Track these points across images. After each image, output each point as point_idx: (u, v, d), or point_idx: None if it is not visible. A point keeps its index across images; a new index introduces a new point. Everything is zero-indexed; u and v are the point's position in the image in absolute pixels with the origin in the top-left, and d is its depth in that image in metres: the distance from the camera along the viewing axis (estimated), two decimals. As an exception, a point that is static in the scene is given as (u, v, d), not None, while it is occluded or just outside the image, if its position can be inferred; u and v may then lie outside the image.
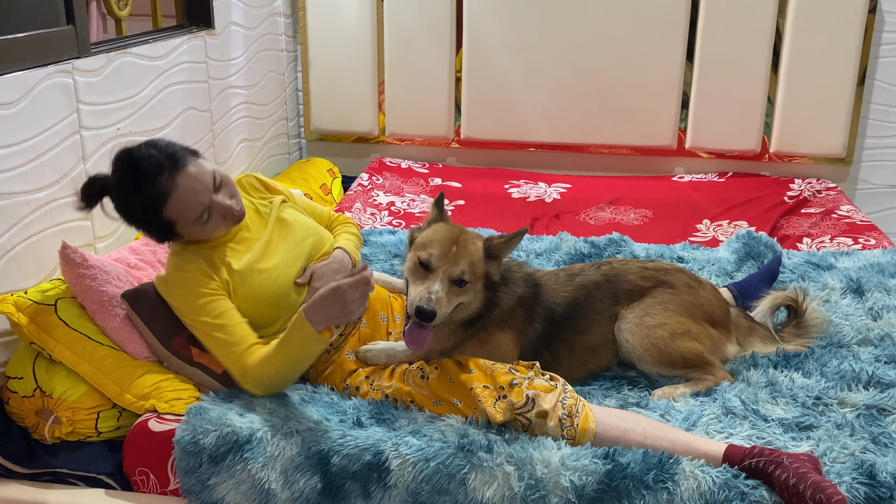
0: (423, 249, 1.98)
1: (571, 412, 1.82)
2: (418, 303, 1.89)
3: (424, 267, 1.96)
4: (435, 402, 1.92)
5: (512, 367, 1.93)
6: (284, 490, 1.76)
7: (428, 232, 2.05)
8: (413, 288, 1.96)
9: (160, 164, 1.90)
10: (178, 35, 2.91)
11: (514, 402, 1.82)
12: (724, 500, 1.63)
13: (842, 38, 3.61)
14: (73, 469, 1.90)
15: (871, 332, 2.30)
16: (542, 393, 1.83)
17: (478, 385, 1.87)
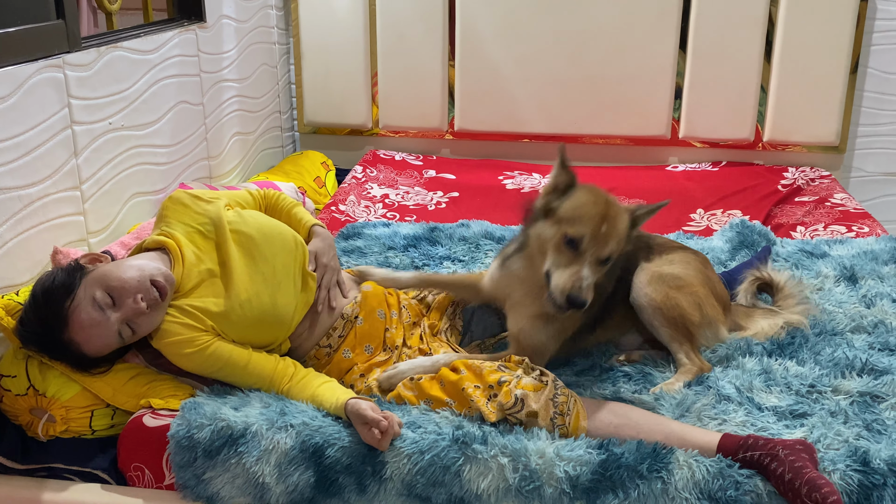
0: (570, 225, 1.84)
1: (563, 410, 1.81)
2: (570, 291, 1.78)
3: (572, 246, 1.83)
4: (426, 401, 1.92)
5: (501, 363, 1.92)
6: (279, 484, 1.76)
7: (573, 203, 1.90)
8: (557, 271, 1.84)
9: (41, 338, 1.88)
10: (169, 29, 2.90)
11: (502, 402, 1.80)
12: (719, 489, 1.64)
13: (834, 26, 3.61)
14: (69, 465, 1.90)
15: (865, 320, 2.30)
16: (530, 393, 1.80)
17: (469, 385, 1.86)
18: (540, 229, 1.92)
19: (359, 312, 2.12)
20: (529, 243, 1.97)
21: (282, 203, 2.34)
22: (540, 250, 1.89)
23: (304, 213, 2.32)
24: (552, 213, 1.90)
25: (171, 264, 2.00)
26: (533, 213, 1.98)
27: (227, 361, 1.94)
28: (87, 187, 2.42)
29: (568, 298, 1.78)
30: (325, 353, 2.09)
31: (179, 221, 2.07)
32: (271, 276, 2.04)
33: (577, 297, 1.77)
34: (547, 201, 1.93)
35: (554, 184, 1.96)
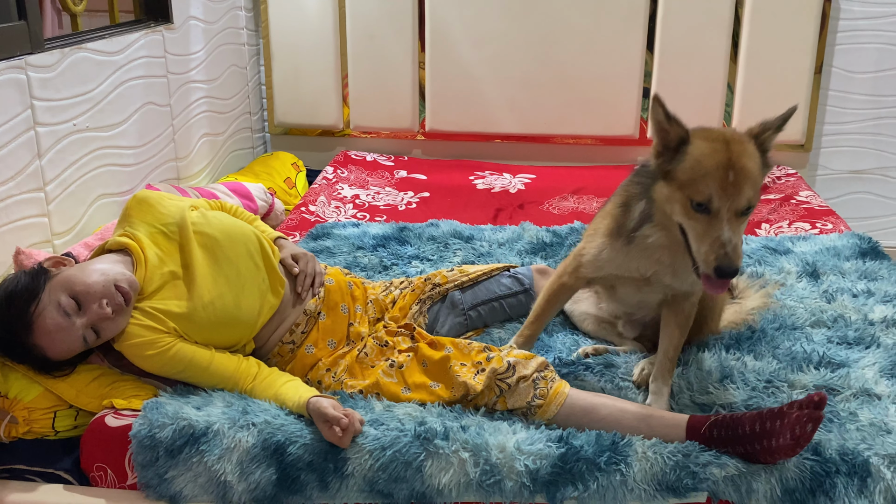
0: (693, 188, 1.67)
1: (547, 377, 1.89)
2: (715, 263, 1.63)
3: (702, 209, 1.67)
4: (404, 389, 1.94)
5: (486, 346, 1.99)
6: (241, 482, 1.76)
7: (689, 161, 1.71)
8: (696, 242, 1.69)
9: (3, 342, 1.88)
10: (135, 30, 2.90)
11: (496, 367, 1.89)
12: (676, 479, 1.67)
13: (799, 27, 3.66)
14: (31, 466, 1.89)
15: (825, 314, 2.34)
16: (521, 360, 1.91)
17: (456, 363, 1.93)
18: (663, 194, 1.76)
19: (321, 308, 2.13)
20: (656, 210, 1.81)
21: (242, 215, 2.33)
22: (668, 215, 1.76)
23: (265, 226, 2.33)
24: (670, 176, 1.74)
25: (134, 267, 2.00)
26: (647, 177, 1.84)
27: (190, 363, 1.94)
28: (51, 189, 2.41)
29: (716, 269, 1.63)
30: (289, 349, 2.10)
31: (143, 222, 2.07)
32: (235, 278, 2.05)
33: (726, 266, 1.62)
34: (661, 165, 1.76)
35: (662, 143, 1.77)
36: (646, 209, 1.86)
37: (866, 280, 2.56)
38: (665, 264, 1.90)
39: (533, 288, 2.38)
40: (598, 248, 1.98)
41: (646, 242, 1.88)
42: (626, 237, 1.91)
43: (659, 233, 1.85)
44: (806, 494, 1.65)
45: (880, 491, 1.63)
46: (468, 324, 2.31)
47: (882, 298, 2.42)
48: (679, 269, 1.90)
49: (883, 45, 3.71)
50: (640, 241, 1.89)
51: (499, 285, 2.37)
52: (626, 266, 1.95)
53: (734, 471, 1.66)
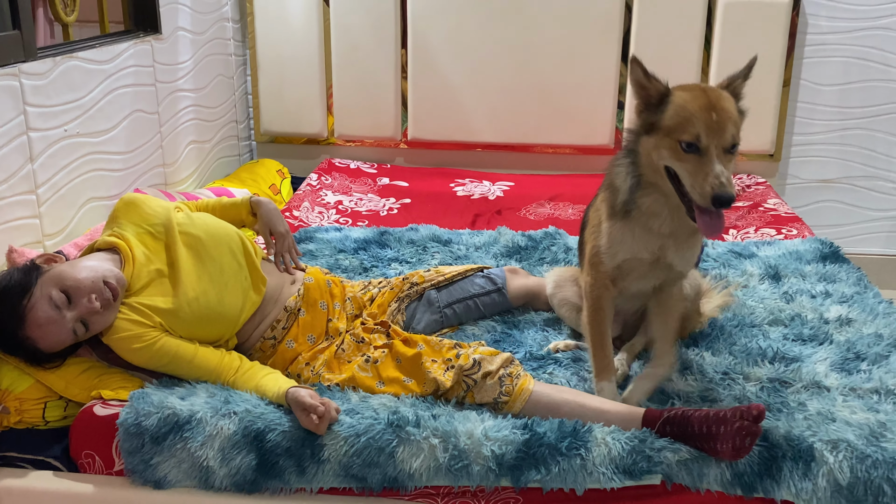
0: (681, 130, 1.77)
1: (513, 374, 1.99)
2: (712, 192, 1.70)
3: (692, 149, 1.77)
4: (379, 383, 2.04)
5: (457, 343, 2.09)
6: (222, 467, 1.86)
7: (673, 108, 1.82)
8: (689, 179, 1.76)
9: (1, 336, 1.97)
10: (124, 40, 3.00)
11: (462, 364, 1.99)
12: (632, 462, 1.77)
13: (767, 41, 3.78)
14: (22, 453, 1.98)
15: (783, 313, 2.45)
16: (487, 356, 2.01)
17: (427, 359, 2.04)
18: (649, 145, 1.86)
19: (301, 305, 2.23)
20: (643, 169, 1.90)
21: (209, 203, 2.41)
22: (656, 170, 1.85)
23: (234, 197, 2.43)
24: (656, 127, 1.84)
25: (122, 264, 2.09)
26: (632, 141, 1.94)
27: (175, 356, 2.04)
28: (42, 192, 2.50)
29: (713, 199, 1.70)
30: (270, 344, 2.19)
31: (130, 223, 2.17)
32: (218, 276, 2.15)
33: (722, 193, 1.69)
34: (645, 119, 1.87)
35: (644, 100, 1.88)
36: (633, 181, 1.95)
37: (825, 282, 2.67)
38: (666, 235, 1.98)
39: (505, 287, 2.48)
40: (607, 234, 2.04)
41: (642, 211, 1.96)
42: (623, 211, 1.99)
43: (651, 196, 1.94)
44: (754, 478, 1.76)
45: (823, 474, 1.74)
46: (444, 321, 2.42)
47: (839, 299, 2.53)
48: (680, 239, 1.99)
49: (848, 59, 3.84)
50: (637, 212, 1.97)
51: (473, 285, 2.47)
52: (635, 246, 2.01)
53: (687, 455, 1.77)
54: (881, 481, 1.71)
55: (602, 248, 2.05)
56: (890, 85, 3.84)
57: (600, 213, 2.08)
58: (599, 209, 2.09)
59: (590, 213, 2.19)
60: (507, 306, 2.50)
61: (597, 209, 2.12)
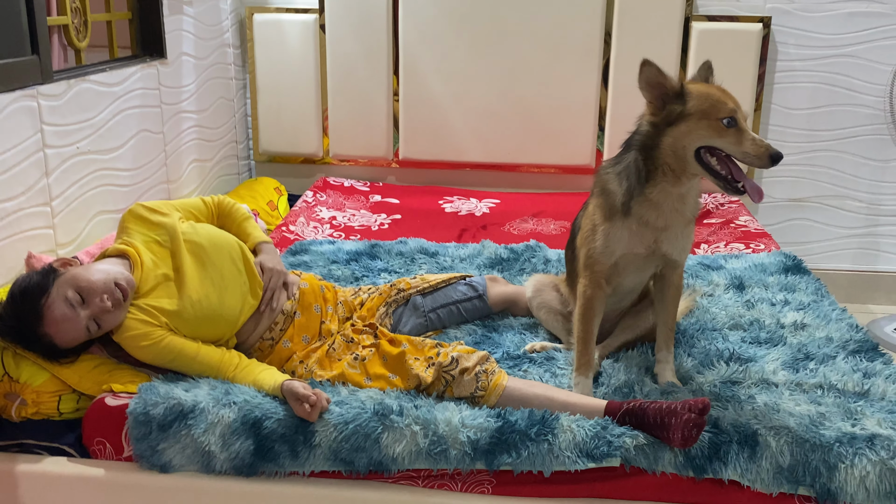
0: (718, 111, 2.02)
1: (488, 370, 2.16)
2: (767, 152, 1.97)
3: (730, 124, 2.02)
4: (366, 379, 2.23)
5: (438, 343, 2.28)
6: (223, 452, 2.04)
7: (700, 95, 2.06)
8: (737, 148, 2.01)
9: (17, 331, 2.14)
10: (132, 64, 3.20)
11: (441, 362, 2.16)
12: (595, 447, 1.95)
13: (740, 68, 4.00)
14: (38, 441, 2.16)
15: (743, 319, 2.64)
16: (464, 354, 2.19)
17: (410, 357, 2.22)
18: (680, 133, 2.06)
19: (297, 308, 2.42)
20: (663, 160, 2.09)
21: (235, 213, 2.61)
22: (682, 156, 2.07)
23: (254, 228, 2.60)
24: (683, 116, 2.05)
25: (132, 269, 2.28)
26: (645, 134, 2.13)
27: (179, 353, 2.22)
28: (56, 204, 2.69)
29: (771, 157, 1.96)
30: (269, 344, 2.38)
31: (139, 232, 2.36)
32: (219, 281, 2.34)
33: (775, 151, 1.96)
34: (669, 112, 2.07)
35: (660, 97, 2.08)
36: (632, 180, 2.16)
37: (786, 291, 2.87)
38: (661, 228, 2.19)
39: (485, 293, 2.67)
40: (604, 235, 2.22)
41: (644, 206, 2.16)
42: (623, 210, 2.18)
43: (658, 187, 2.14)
44: (705, 461, 1.94)
45: (766, 457, 1.92)
46: (428, 325, 2.60)
47: (796, 306, 2.73)
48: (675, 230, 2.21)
49: (816, 85, 4.06)
50: (637, 208, 2.17)
51: (455, 291, 2.66)
52: (631, 241, 2.21)
53: (644, 441, 1.95)
54: (818, 463, 1.90)
55: (598, 249, 2.24)
56: (855, 109, 4.06)
57: (594, 218, 2.27)
58: (593, 215, 2.28)
59: (581, 222, 2.37)
60: (487, 312, 2.69)
61: (589, 216, 2.30)
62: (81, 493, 2.11)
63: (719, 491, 1.95)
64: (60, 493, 2.12)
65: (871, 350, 2.41)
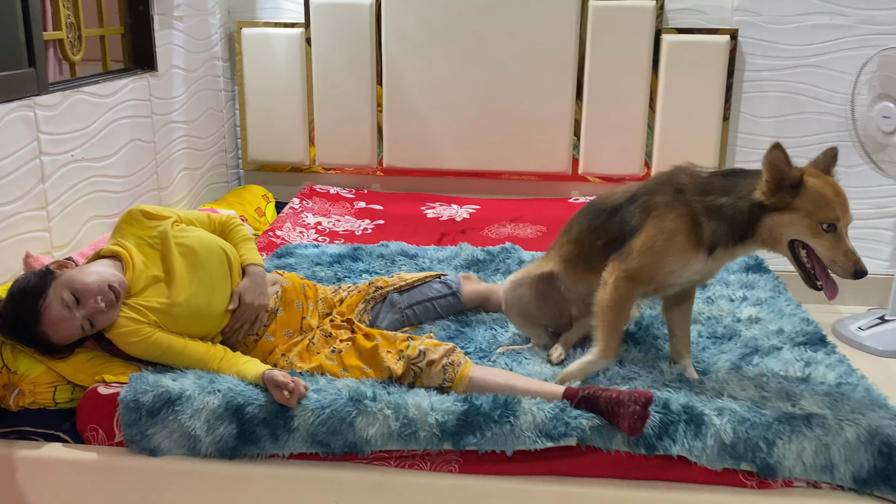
0: (823, 214, 2.08)
1: (455, 362, 2.30)
2: (854, 268, 2.07)
3: (830, 229, 2.09)
4: (342, 370, 2.37)
5: (409, 336, 2.42)
6: (208, 436, 2.18)
7: (813, 194, 2.10)
8: (829, 253, 2.09)
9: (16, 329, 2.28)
10: (124, 76, 3.36)
11: (410, 355, 2.31)
12: (553, 428, 2.09)
13: (709, 78, 4.17)
14: (35, 428, 2.31)
15: (701, 315, 2.79)
16: (431, 347, 2.33)
17: (383, 350, 2.36)
18: (780, 223, 2.15)
19: (279, 304, 2.57)
20: (759, 233, 2.18)
21: (235, 233, 2.70)
22: (778, 242, 2.17)
23: (251, 250, 2.64)
24: (791, 208, 2.12)
25: (124, 270, 2.43)
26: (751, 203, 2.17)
27: (167, 348, 2.36)
28: (52, 208, 2.84)
29: (855, 273, 2.06)
30: (253, 340, 2.52)
31: (132, 234, 2.51)
32: (207, 281, 2.48)
33: (861, 269, 2.06)
34: (780, 199, 2.13)
35: (778, 182, 2.13)
36: (719, 229, 2.22)
37: (745, 289, 3.02)
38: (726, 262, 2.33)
39: (459, 291, 2.82)
40: (679, 262, 2.27)
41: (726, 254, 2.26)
42: (707, 253, 2.25)
43: (748, 248, 2.25)
44: (655, 439, 2.08)
45: (711, 434, 2.07)
46: (405, 320, 2.75)
47: (753, 302, 2.88)
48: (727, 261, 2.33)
49: (783, 94, 4.23)
50: (720, 252, 2.25)
51: (431, 289, 2.81)
52: (697, 272, 2.31)
53: (599, 422, 2.10)
54: (758, 440, 2.05)
55: (663, 268, 2.28)
56: (821, 117, 4.23)
57: (672, 238, 2.25)
58: (671, 234, 2.26)
59: (645, 224, 2.31)
60: (460, 308, 2.84)
61: (665, 231, 2.27)
62: (76, 476, 2.25)
63: (669, 467, 2.10)
64: (56, 476, 2.26)
65: (818, 342, 2.57)
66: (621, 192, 2.47)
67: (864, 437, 2.03)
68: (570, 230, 2.59)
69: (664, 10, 4.20)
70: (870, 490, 2.04)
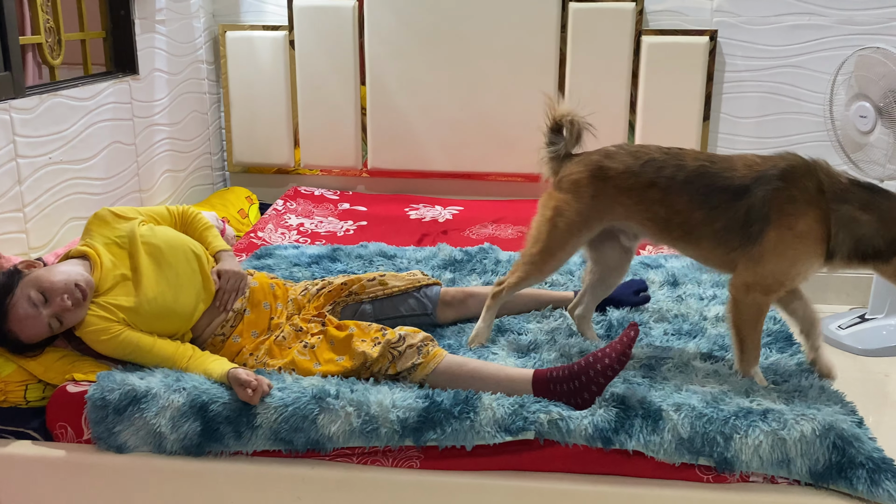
0: None
1: (429, 346, 2.37)
2: None
3: None
4: (315, 364, 2.40)
5: (382, 327, 2.47)
6: (173, 433, 2.21)
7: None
8: None
9: None
10: (104, 80, 3.40)
11: (390, 339, 2.36)
12: (512, 422, 2.12)
13: (689, 79, 4.19)
14: (5, 425, 2.34)
15: (669, 313, 2.82)
16: (410, 333, 2.40)
17: (357, 339, 2.40)
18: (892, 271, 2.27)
19: (246, 306, 2.60)
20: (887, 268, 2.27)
21: (196, 223, 2.78)
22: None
23: (215, 237, 2.75)
24: None
25: (92, 270, 2.46)
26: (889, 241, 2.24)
27: (136, 346, 2.40)
28: (28, 210, 2.88)
29: None
30: (220, 340, 2.56)
31: (100, 234, 2.55)
32: (174, 280, 2.52)
33: None
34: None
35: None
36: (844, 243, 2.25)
37: (717, 287, 3.04)
38: None
39: (434, 313, 2.79)
40: (810, 268, 2.31)
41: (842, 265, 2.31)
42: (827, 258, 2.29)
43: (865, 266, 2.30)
44: (611, 433, 2.11)
45: (668, 429, 2.09)
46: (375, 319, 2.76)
47: (722, 301, 2.90)
48: None
49: (763, 94, 4.25)
50: (836, 262, 2.30)
51: (405, 305, 2.76)
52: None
53: (557, 416, 2.13)
54: (715, 434, 2.07)
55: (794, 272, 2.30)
56: (801, 117, 4.25)
57: (807, 241, 2.26)
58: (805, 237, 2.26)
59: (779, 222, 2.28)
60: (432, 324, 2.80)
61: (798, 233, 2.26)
62: (45, 472, 2.29)
63: (626, 462, 2.12)
64: (25, 473, 2.29)
65: (783, 340, 2.59)
66: (742, 167, 2.36)
67: (819, 432, 2.05)
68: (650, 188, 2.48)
69: (644, 12, 4.23)
70: (825, 484, 2.06)
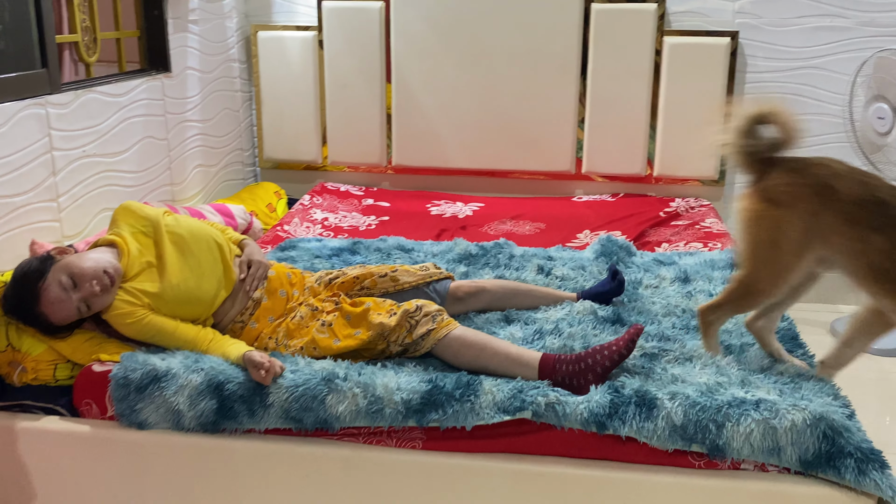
0: None
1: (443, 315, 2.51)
2: None
3: None
4: (335, 340, 2.51)
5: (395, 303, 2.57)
6: (190, 410, 2.33)
7: None
8: None
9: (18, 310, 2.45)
10: (137, 77, 3.55)
11: (407, 309, 2.49)
12: (511, 405, 2.21)
13: (710, 80, 4.24)
14: (36, 402, 2.48)
15: (678, 308, 2.87)
16: (426, 303, 2.53)
17: (373, 312, 2.52)
18: None
19: (264, 293, 2.72)
20: None
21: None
22: None
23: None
24: None
25: (119, 257, 2.60)
26: None
27: (160, 330, 2.53)
28: (62, 200, 3.03)
29: None
30: (239, 326, 2.68)
31: (127, 224, 2.68)
32: (197, 267, 2.64)
33: None
34: None
35: None
36: None
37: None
38: None
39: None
40: None
41: None
42: None
43: None
44: (606, 418, 2.18)
45: (662, 416, 2.16)
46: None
47: (731, 297, 2.95)
48: None
49: (784, 95, 4.28)
50: None
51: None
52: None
53: (553, 400, 2.21)
54: (708, 422, 2.13)
55: None
56: (822, 118, 4.27)
57: None
58: None
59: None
60: None
61: None
62: (71, 447, 2.42)
63: (620, 446, 2.20)
64: (53, 447, 2.43)
65: (790, 340, 2.64)
66: None
67: (810, 421, 2.10)
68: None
69: (666, 13, 4.28)
70: (814, 472, 2.12)
